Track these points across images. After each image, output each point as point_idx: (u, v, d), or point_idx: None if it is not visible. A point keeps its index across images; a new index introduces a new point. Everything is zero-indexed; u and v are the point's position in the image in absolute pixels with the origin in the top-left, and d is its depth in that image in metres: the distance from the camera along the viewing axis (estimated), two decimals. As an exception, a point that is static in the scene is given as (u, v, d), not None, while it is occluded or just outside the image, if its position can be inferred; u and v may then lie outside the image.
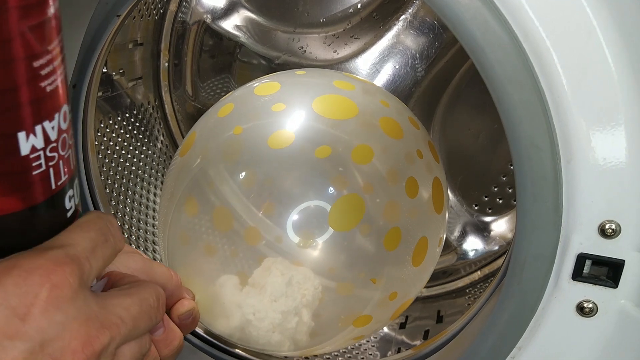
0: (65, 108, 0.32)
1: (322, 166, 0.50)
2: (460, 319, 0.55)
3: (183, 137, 0.89)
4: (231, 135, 0.53)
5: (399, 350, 0.72)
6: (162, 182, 0.84)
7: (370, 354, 0.73)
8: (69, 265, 0.30)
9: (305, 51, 0.85)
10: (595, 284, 0.41)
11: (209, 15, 0.85)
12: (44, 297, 0.28)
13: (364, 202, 0.50)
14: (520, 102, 0.39)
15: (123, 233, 0.40)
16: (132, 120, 0.80)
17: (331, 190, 0.49)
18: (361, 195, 0.50)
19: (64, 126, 0.31)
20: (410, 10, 0.79)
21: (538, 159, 0.39)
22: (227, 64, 0.89)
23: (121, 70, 0.75)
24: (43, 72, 0.29)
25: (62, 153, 0.31)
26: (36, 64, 0.28)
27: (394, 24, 0.80)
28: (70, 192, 0.33)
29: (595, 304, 0.41)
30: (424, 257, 0.53)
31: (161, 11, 0.82)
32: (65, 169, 0.32)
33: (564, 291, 0.42)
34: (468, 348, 0.47)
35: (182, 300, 0.46)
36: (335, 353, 0.71)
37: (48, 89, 0.30)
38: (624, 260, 0.40)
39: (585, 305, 0.42)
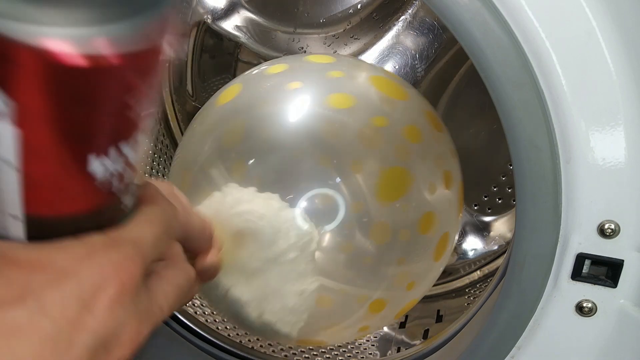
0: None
1: (378, 135, 0.50)
2: (459, 318, 0.55)
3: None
4: (280, 91, 0.52)
5: (398, 350, 0.72)
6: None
7: (370, 354, 0.73)
8: (138, 265, 0.30)
9: (305, 51, 0.85)
10: (595, 284, 0.41)
11: (209, 16, 0.85)
12: (112, 292, 0.29)
13: (412, 178, 0.50)
14: (519, 102, 0.39)
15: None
16: (133, 120, 0.80)
17: (384, 159, 0.50)
18: (410, 170, 0.50)
19: (136, 144, 0.30)
20: (410, 11, 0.79)
21: (537, 159, 0.40)
22: (227, 64, 0.89)
23: (121, 71, 0.75)
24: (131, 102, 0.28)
25: (131, 166, 0.31)
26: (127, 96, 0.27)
27: (394, 25, 0.80)
28: (132, 190, 0.33)
29: (595, 304, 0.42)
30: (443, 252, 0.54)
31: (161, 11, 0.82)
32: (132, 173, 0.31)
33: (563, 291, 0.42)
34: (468, 347, 0.47)
35: (210, 254, 0.46)
36: (335, 352, 0.71)
37: (131, 115, 0.28)
38: (623, 260, 0.40)
39: (584, 304, 0.42)
